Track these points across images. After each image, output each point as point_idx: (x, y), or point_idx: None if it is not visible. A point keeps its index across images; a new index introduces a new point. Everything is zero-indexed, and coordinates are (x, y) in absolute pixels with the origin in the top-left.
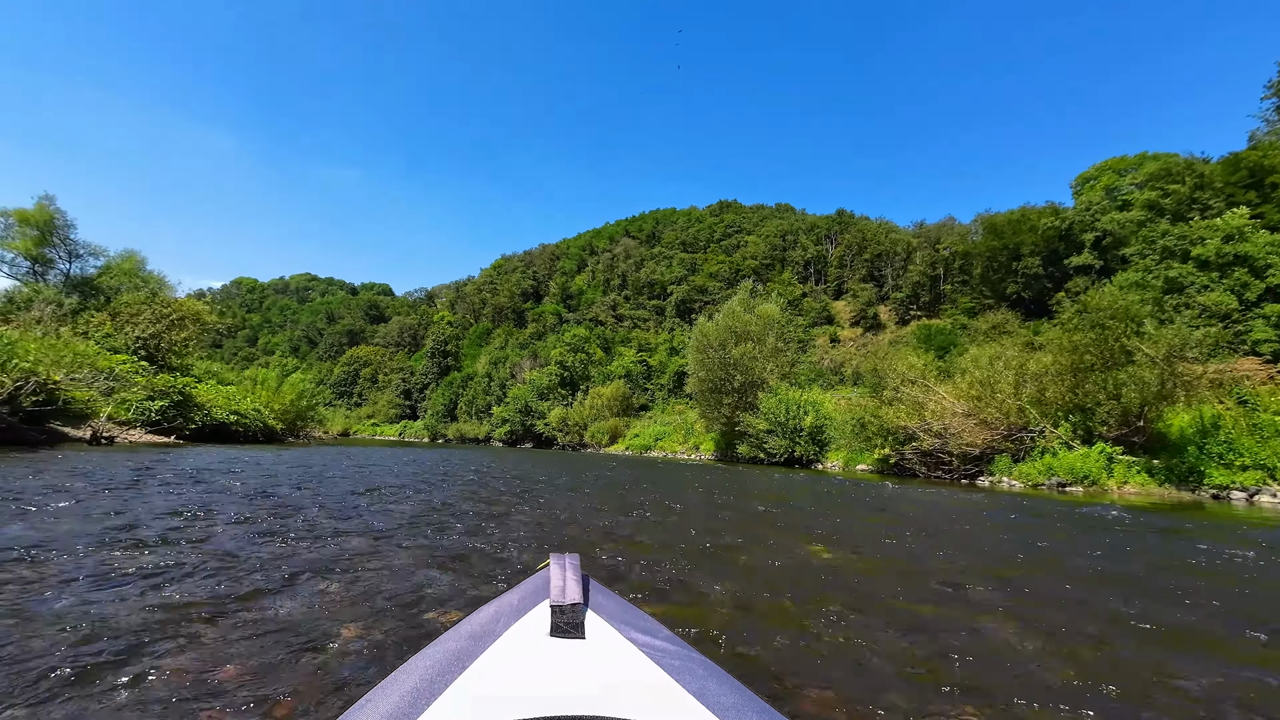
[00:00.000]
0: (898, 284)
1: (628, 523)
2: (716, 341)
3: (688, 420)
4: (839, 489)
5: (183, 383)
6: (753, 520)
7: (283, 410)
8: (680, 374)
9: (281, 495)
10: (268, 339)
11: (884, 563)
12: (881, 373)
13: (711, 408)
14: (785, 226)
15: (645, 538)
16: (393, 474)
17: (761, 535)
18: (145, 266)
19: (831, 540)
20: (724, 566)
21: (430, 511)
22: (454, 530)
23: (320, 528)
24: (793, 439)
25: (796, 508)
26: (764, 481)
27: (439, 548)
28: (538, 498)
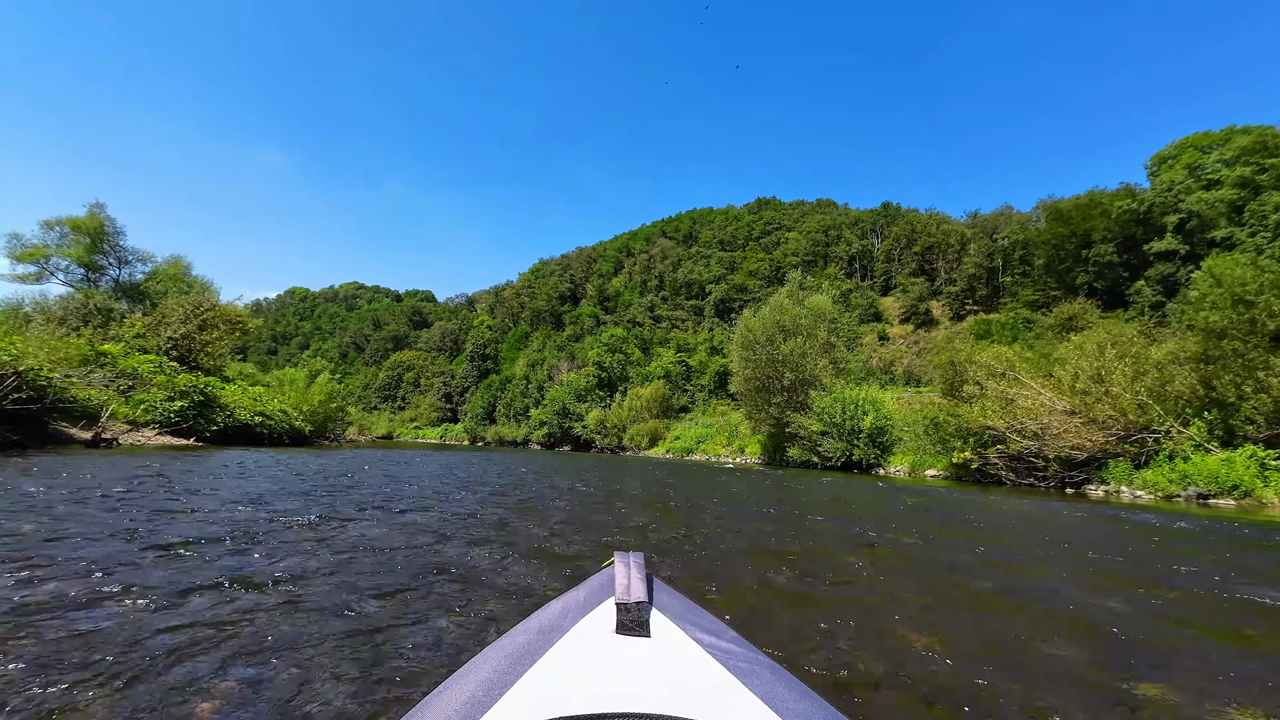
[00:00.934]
0: (951, 277)
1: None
2: (763, 337)
3: (731, 422)
4: (918, 500)
5: (204, 383)
6: (832, 548)
7: (311, 412)
8: (722, 374)
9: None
10: (319, 345)
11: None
12: (959, 366)
13: (758, 408)
14: (828, 221)
15: (712, 582)
16: (411, 490)
17: (852, 577)
18: (190, 271)
19: (954, 589)
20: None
21: (445, 562)
22: (482, 584)
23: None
24: (850, 441)
25: (876, 529)
26: (823, 491)
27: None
28: (588, 518)
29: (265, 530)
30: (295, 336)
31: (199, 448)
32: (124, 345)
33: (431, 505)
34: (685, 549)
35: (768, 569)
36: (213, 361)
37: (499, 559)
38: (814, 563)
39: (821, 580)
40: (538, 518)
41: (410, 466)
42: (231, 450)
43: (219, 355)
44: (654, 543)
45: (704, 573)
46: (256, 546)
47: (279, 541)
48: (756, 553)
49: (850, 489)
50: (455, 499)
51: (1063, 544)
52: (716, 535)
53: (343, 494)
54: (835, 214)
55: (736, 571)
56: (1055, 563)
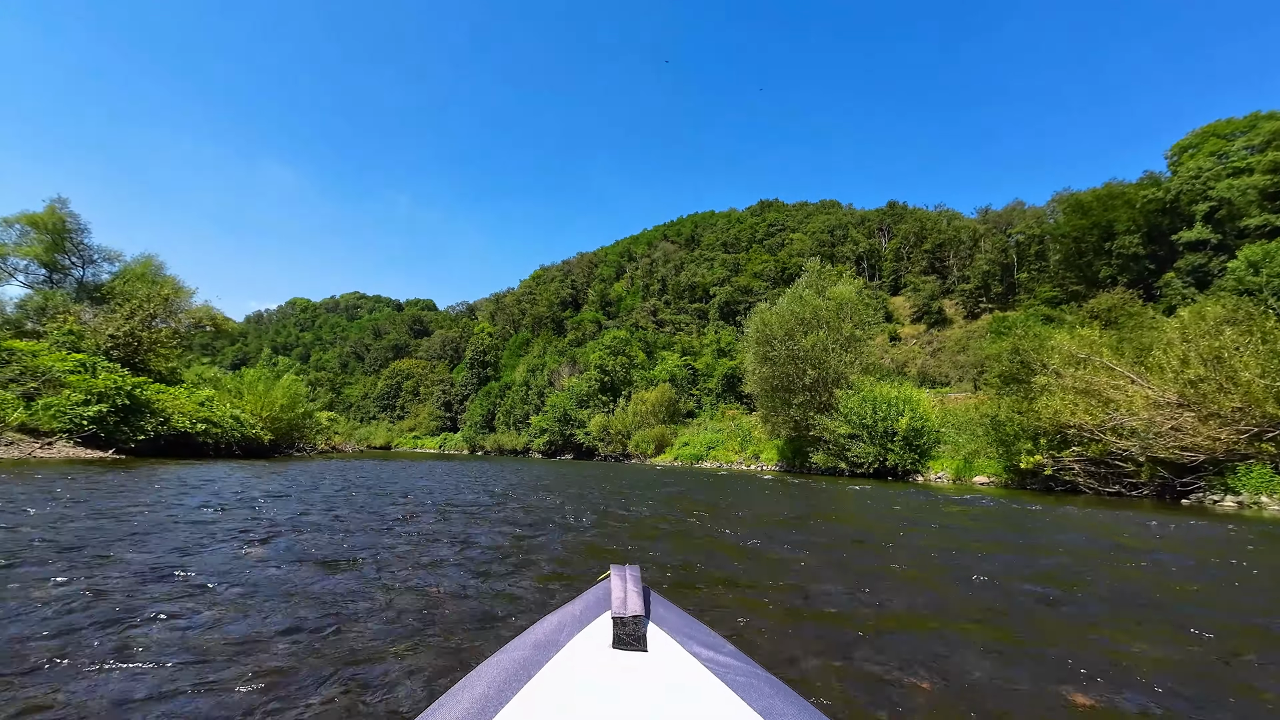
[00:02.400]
0: (964, 275)
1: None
2: (781, 332)
3: (743, 426)
4: (987, 514)
5: (132, 383)
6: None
7: (271, 418)
8: (730, 377)
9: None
10: (319, 356)
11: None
12: (1024, 353)
13: (776, 410)
14: (832, 221)
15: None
16: (310, 522)
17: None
18: (163, 271)
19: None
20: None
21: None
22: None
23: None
24: (883, 445)
25: (1000, 567)
26: (863, 503)
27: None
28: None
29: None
30: (296, 347)
31: (116, 462)
32: (48, 342)
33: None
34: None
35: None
36: (165, 363)
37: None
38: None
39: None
40: (527, 558)
41: (364, 485)
42: (149, 466)
43: (171, 356)
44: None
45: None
46: None
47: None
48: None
49: (896, 501)
50: (383, 547)
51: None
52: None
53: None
54: (840, 214)
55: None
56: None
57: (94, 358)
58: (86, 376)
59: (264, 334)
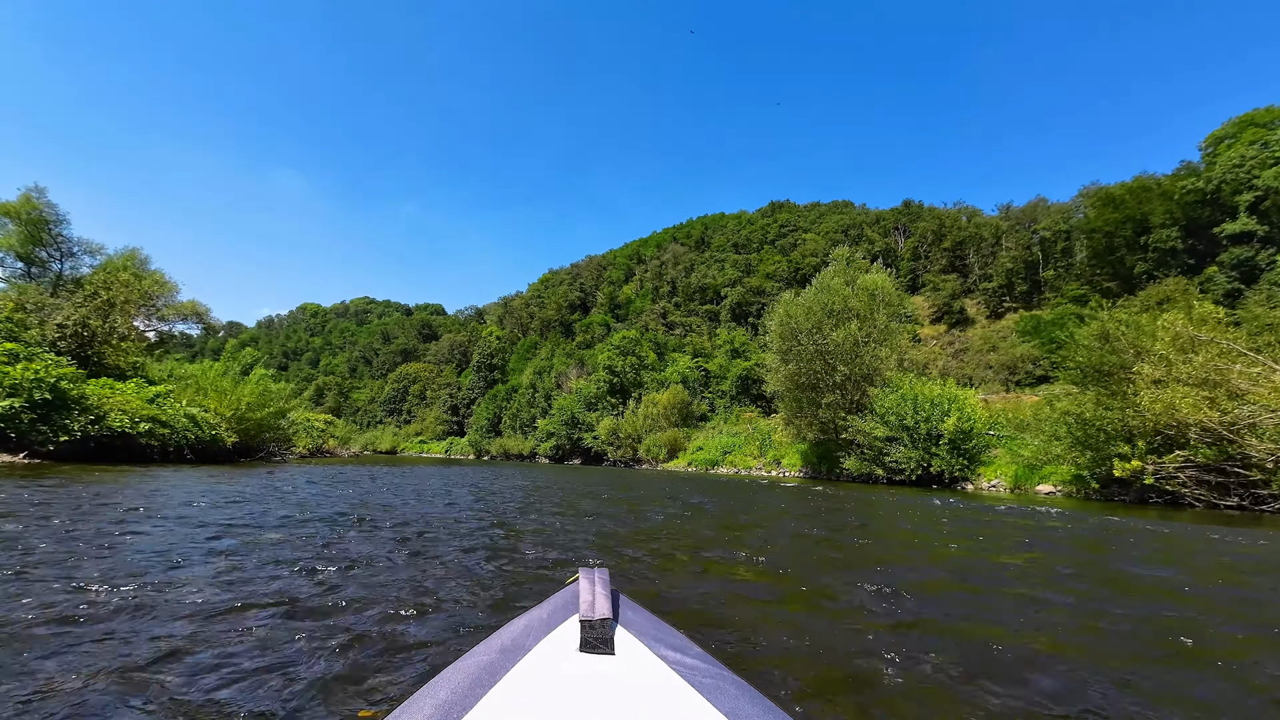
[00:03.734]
0: (986, 273)
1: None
2: (808, 324)
3: (761, 429)
4: (1091, 535)
5: (56, 374)
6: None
7: (237, 418)
8: (745, 378)
9: None
10: (329, 360)
11: None
12: (1118, 339)
13: (802, 411)
14: (846, 221)
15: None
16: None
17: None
18: (148, 265)
19: None
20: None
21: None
22: None
23: None
24: (926, 449)
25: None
26: (918, 518)
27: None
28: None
29: None
30: (306, 352)
31: (22, 469)
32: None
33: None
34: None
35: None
36: (125, 358)
37: None
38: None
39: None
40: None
41: (313, 502)
42: (51, 476)
43: (133, 350)
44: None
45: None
46: None
47: None
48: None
49: (955, 516)
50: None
51: None
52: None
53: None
54: (853, 214)
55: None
56: None
57: (32, 349)
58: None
59: (275, 339)
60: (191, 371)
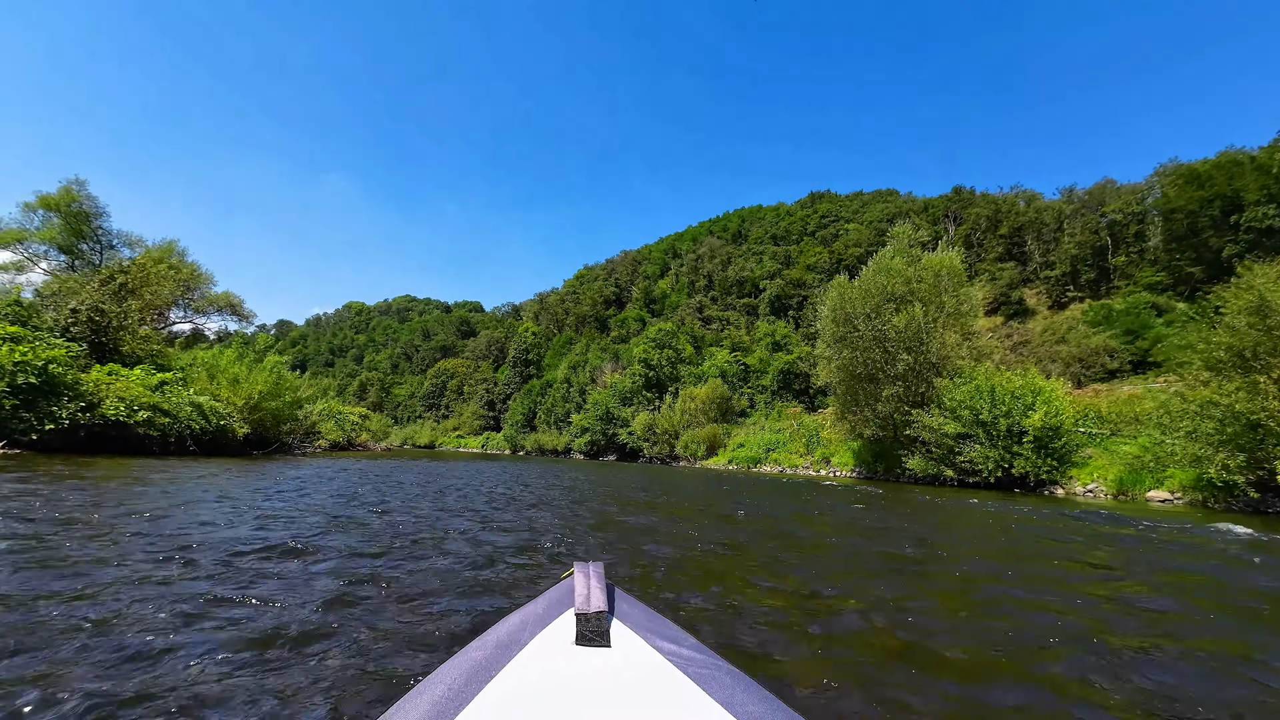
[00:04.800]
0: (1048, 260)
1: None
2: (865, 309)
3: (807, 425)
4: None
5: (46, 357)
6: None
7: (249, 407)
8: (787, 372)
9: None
10: (372, 357)
11: None
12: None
13: (857, 404)
14: (891, 209)
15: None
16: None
17: None
18: (187, 257)
19: None
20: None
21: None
22: None
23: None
24: (1007, 448)
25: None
26: (1024, 536)
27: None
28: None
29: None
30: (351, 349)
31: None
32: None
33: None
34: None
35: None
36: (144, 345)
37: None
38: None
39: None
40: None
41: (308, 499)
42: (21, 469)
43: (153, 337)
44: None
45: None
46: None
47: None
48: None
49: (1066, 529)
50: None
51: None
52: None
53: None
54: (899, 202)
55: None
56: None
57: (39, 333)
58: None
59: (322, 336)
60: (202, 358)
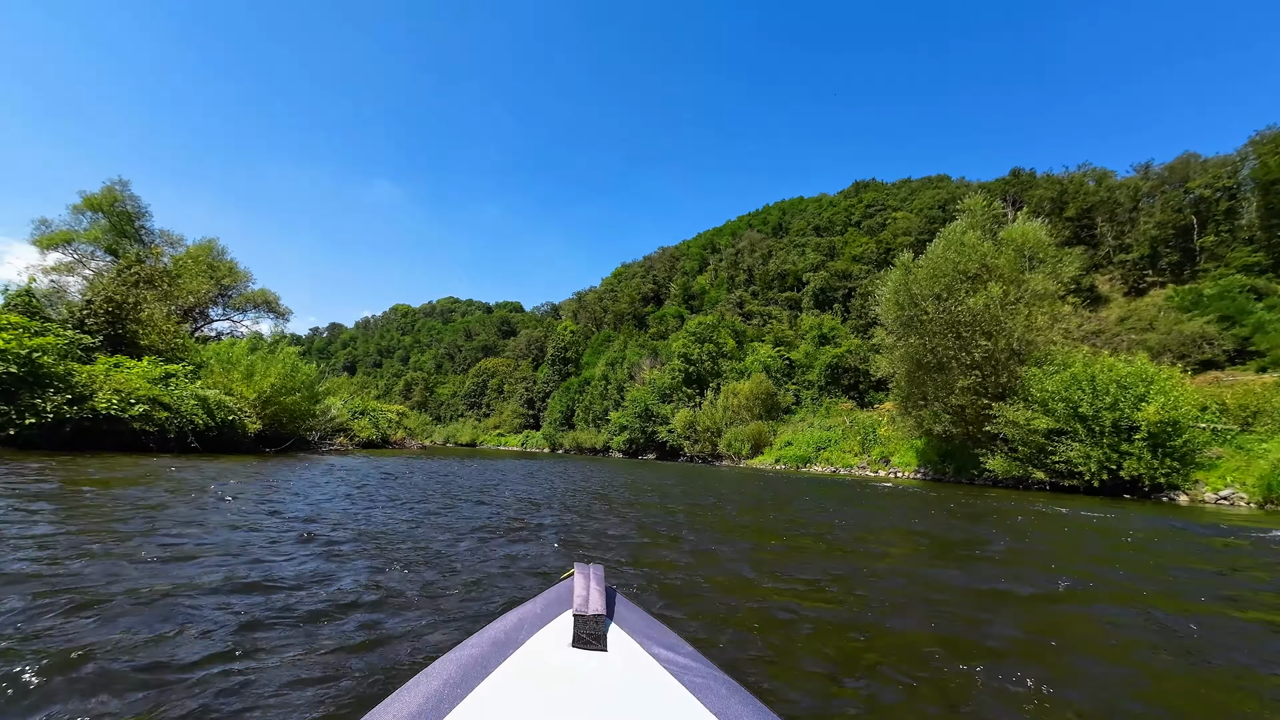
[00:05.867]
0: (1123, 243)
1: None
2: (935, 289)
3: (861, 422)
4: None
5: (30, 346)
6: None
7: (261, 401)
8: (836, 368)
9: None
10: (417, 358)
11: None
12: None
13: (924, 397)
14: (943, 195)
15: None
16: None
17: None
18: (225, 255)
19: None
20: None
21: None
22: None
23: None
24: (1113, 446)
25: None
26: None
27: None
28: None
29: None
30: (397, 350)
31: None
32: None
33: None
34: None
35: None
36: (163, 339)
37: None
38: None
39: None
40: None
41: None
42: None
43: (171, 330)
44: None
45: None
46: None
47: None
48: None
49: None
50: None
51: None
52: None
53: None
54: (951, 188)
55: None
56: None
57: (49, 325)
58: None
59: (370, 338)
60: (213, 349)
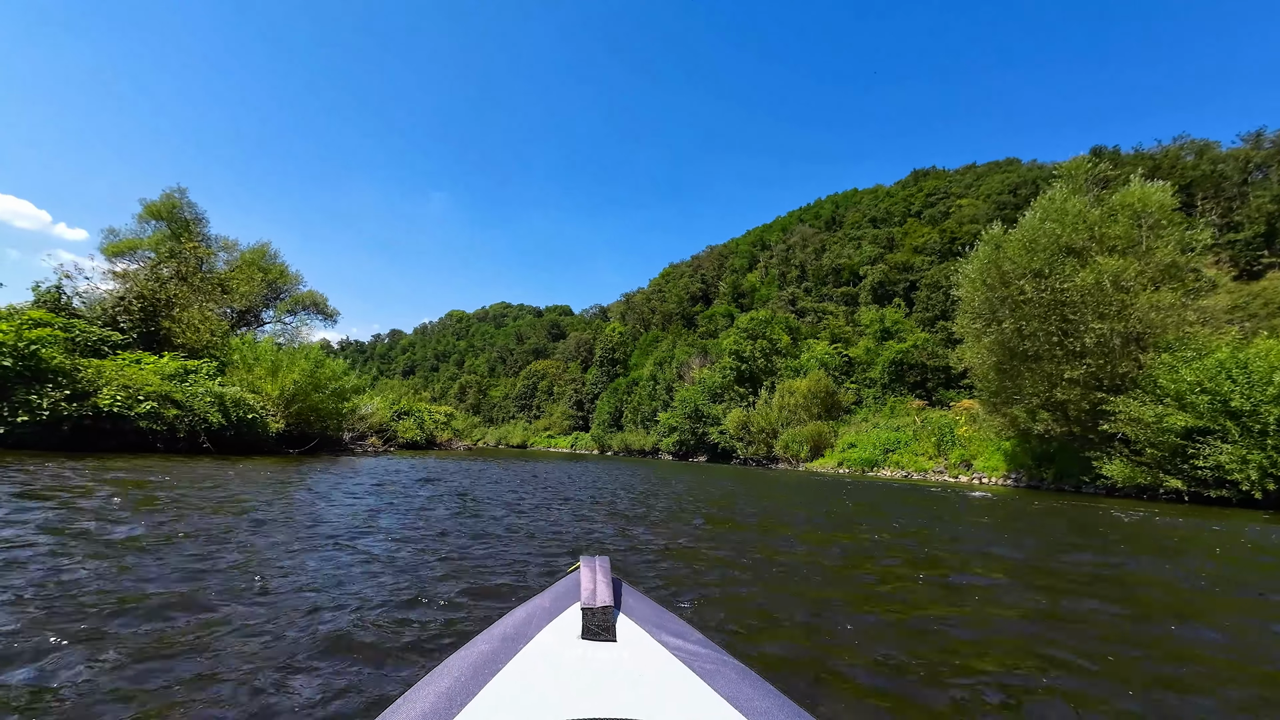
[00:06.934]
0: (1230, 221)
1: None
2: (1034, 264)
3: (934, 421)
4: None
5: (29, 338)
6: None
7: (284, 398)
8: (900, 364)
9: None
10: (472, 362)
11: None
12: None
13: (1020, 392)
14: (1013, 180)
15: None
16: None
17: None
18: (277, 258)
19: None
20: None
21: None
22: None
23: None
24: (1276, 449)
25: None
26: None
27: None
28: None
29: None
30: (453, 354)
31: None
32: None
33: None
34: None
35: None
36: (197, 336)
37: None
38: None
39: None
40: None
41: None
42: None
43: (204, 326)
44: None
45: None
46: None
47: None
48: None
49: None
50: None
51: None
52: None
53: None
54: (1022, 171)
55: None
56: None
57: (73, 321)
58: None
59: (428, 343)
60: (235, 344)
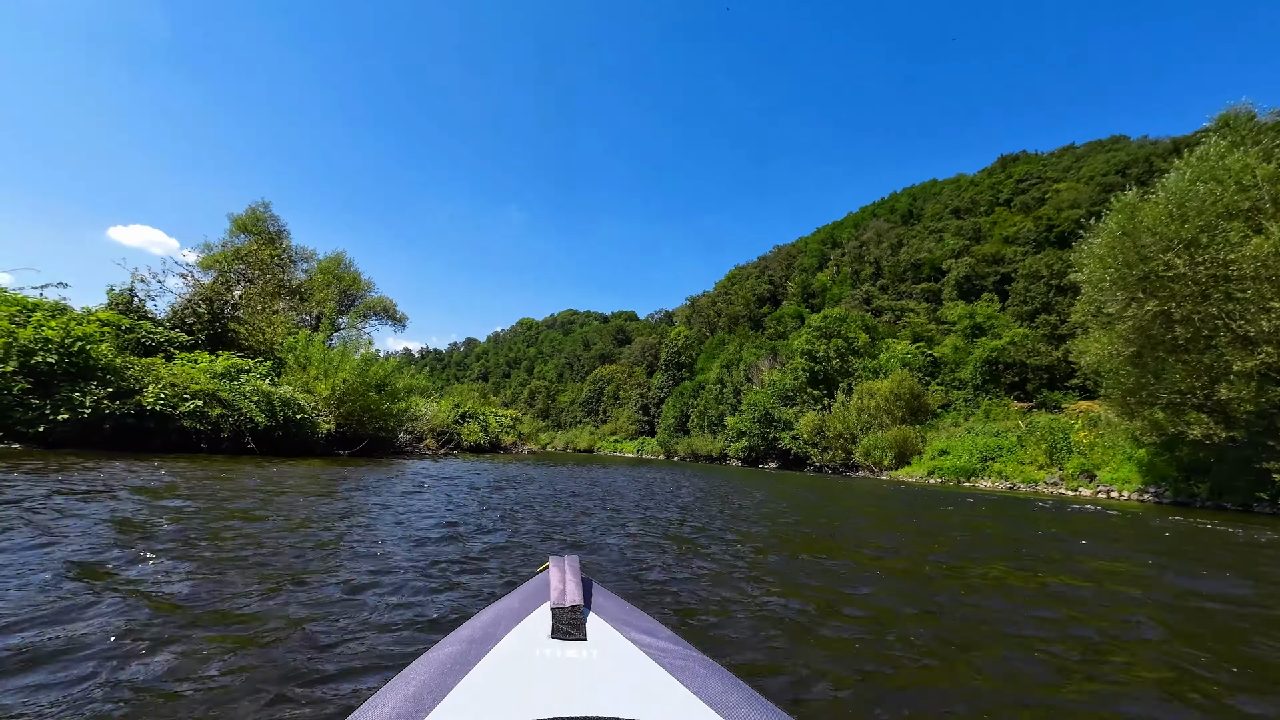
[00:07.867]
0: None
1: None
2: (1184, 234)
3: (1044, 425)
4: None
5: (79, 333)
6: None
7: (335, 398)
8: (994, 363)
9: None
10: (541, 368)
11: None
12: None
13: (1162, 388)
14: (1122, 159)
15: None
16: None
17: None
18: (351, 266)
19: None
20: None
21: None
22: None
23: None
24: None
25: None
26: None
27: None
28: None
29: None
30: (523, 360)
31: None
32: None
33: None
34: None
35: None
36: (262, 338)
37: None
38: None
39: None
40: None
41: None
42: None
43: (269, 327)
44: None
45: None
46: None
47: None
48: None
49: None
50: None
51: None
52: None
53: None
54: (1131, 149)
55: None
56: None
57: (140, 321)
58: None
59: (500, 350)
60: (289, 343)
